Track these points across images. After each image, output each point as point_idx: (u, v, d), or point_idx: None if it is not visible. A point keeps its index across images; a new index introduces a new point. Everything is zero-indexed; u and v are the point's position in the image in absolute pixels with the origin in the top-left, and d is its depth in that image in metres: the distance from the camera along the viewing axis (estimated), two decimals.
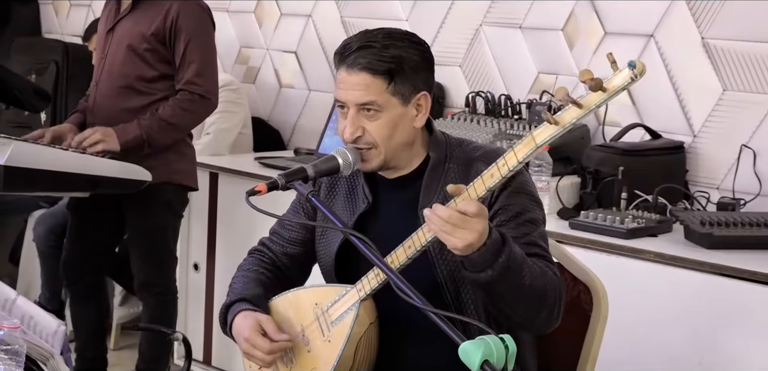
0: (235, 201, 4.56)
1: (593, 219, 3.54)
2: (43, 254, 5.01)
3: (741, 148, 3.92)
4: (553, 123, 2.08)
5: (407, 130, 2.44)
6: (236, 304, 2.55)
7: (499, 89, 4.55)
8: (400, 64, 2.38)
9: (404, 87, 2.40)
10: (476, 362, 1.95)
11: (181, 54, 3.91)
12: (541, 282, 2.30)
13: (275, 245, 2.69)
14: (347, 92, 2.41)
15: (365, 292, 2.38)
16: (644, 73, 2.03)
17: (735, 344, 3.20)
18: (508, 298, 2.27)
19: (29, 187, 3.83)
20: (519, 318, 2.33)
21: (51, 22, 6.70)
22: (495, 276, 2.20)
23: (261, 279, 2.62)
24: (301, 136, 5.39)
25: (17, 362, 2.00)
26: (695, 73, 4.04)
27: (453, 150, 2.49)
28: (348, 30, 5.15)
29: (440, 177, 2.46)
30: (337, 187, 2.60)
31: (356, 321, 2.39)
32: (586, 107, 2.05)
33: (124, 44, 3.94)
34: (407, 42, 2.42)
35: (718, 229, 3.38)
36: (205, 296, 4.75)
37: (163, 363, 4.27)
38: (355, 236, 2.29)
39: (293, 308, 2.53)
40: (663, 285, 3.34)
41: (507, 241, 2.21)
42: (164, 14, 3.90)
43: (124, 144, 3.82)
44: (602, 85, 2.02)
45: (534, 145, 2.12)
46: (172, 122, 3.89)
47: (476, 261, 2.19)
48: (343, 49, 2.42)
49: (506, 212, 2.38)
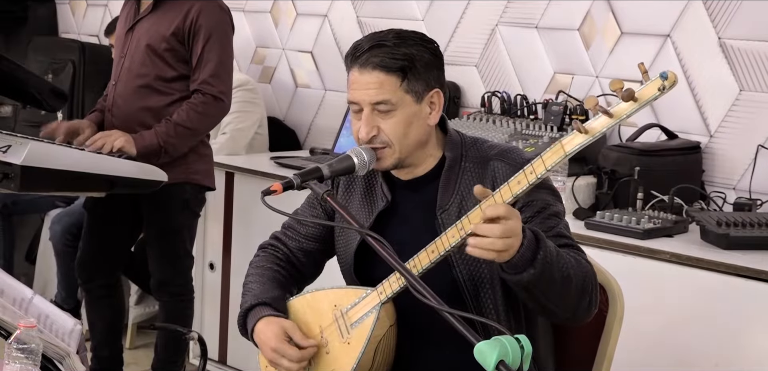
0: (251, 200, 4.56)
1: (609, 220, 3.53)
2: (59, 253, 5.03)
3: (758, 148, 3.90)
4: (584, 132, 2.08)
5: (421, 128, 2.44)
6: (256, 309, 2.53)
7: (515, 89, 4.54)
8: (412, 61, 2.39)
9: (417, 84, 2.40)
10: (492, 362, 1.95)
11: (199, 53, 3.91)
12: (578, 271, 2.30)
13: (290, 240, 2.68)
14: (361, 92, 2.41)
15: (386, 295, 2.38)
16: (676, 83, 2.02)
17: (752, 345, 3.19)
18: (550, 294, 2.27)
19: (46, 187, 3.84)
20: (562, 311, 2.33)
21: (68, 22, 6.72)
22: (536, 274, 2.20)
23: (277, 278, 2.61)
24: (316, 135, 5.39)
25: (34, 360, 2.01)
26: (712, 73, 4.03)
27: (468, 149, 2.49)
28: (364, 30, 5.15)
29: (457, 177, 2.45)
30: (354, 186, 2.60)
31: (377, 324, 2.38)
32: (617, 117, 2.04)
33: (144, 44, 3.95)
34: (417, 41, 2.43)
35: (734, 230, 3.37)
36: (220, 295, 4.75)
37: (178, 363, 4.27)
38: (371, 236, 2.29)
39: (312, 309, 2.52)
40: (679, 286, 3.33)
41: (540, 237, 2.22)
42: (185, 14, 3.91)
43: (141, 149, 3.83)
44: (634, 95, 2.01)
45: (563, 153, 2.12)
46: (188, 126, 3.89)
47: (516, 262, 2.18)
48: (354, 50, 2.42)
49: (530, 208, 2.38)
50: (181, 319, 4.13)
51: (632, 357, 3.21)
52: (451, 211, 2.42)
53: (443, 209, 2.43)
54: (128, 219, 4.14)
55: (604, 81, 4.32)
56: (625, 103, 2.03)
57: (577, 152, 2.12)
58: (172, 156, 3.90)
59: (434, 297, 2.14)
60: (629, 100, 2.01)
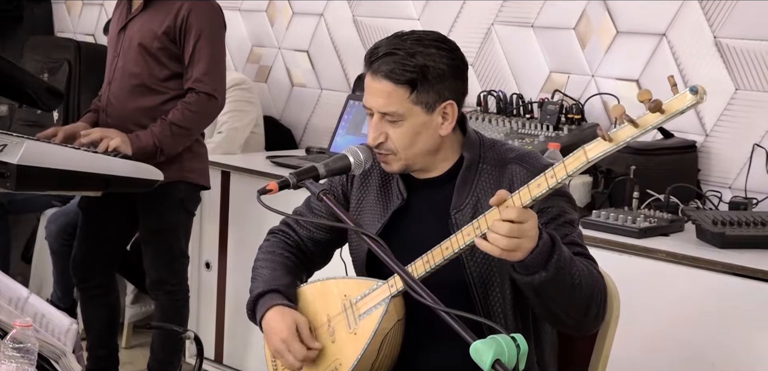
0: (247, 200, 4.56)
1: (605, 219, 3.53)
2: (55, 252, 5.03)
3: (753, 147, 3.91)
4: (608, 139, 2.07)
5: (431, 138, 2.43)
6: (268, 296, 2.54)
7: (511, 88, 4.54)
8: (423, 73, 2.36)
9: (428, 96, 2.38)
10: (488, 361, 1.96)
11: (191, 52, 3.91)
12: (589, 280, 2.30)
13: (302, 228, 2.68)
14: (371, 98, 2.41)
15: (397, 289, 2.38)
16: (705, 98, 1.99)
17: (748, 343, 3.19)
18: (560, 299, 2.27)
19: (42, 186, 3.84)
20: (570, 319, 2.33)
21: (64, 21, 6.72)
22: (548, 277, 2.19)
23: (287, 265, 2.62)
24: (312, 134, 5.39)
25: (30, 360, 2.01)
26: (707, 72, 4.03)
27: (486, 151, 2.48)
28: (360, 29, 5.15)
29: (473, 179, 2.45)
30: (369, 181, 2.60)
31: (385, 317, 2.38)
32: (643, 127, 2.03)
33: (136, 43, 3.95)
34: (437, 48, 2.40)
35: (730, 229, 3.37)
36: (216, 295, 4.75)
37: (174, 362, 4.27)
38: (367, 236, 2.30)
39: (321, 297, 2.53)
40: (675, 285, 3.33)
41: (556, 242, 2.21)
42: (175, 13, 3.91)
43: (137, 150, 3.83)
44: (661, 107, 2.00)
45: (585, 159, 2.10)
46: (183, 126, 3.89)
47: (529, 264, 2.18)
48: (371, 53, 2.41)
49: (546, 214, 2.38)
50: (176, 318, 4.13)
51: (628, 356, 3.21)
52: (466, 212, 2.41)
53: (458, 209, 2.43)
54: (123, 219, 4.14)
55: (600, 80, 4.32)
56: (651, 114, 2.01)
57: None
58: (168, 155, 3.90)
59: (431, 296, 2.14)
60: (656, 111, 2.00)
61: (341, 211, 2.37)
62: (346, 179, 2.62)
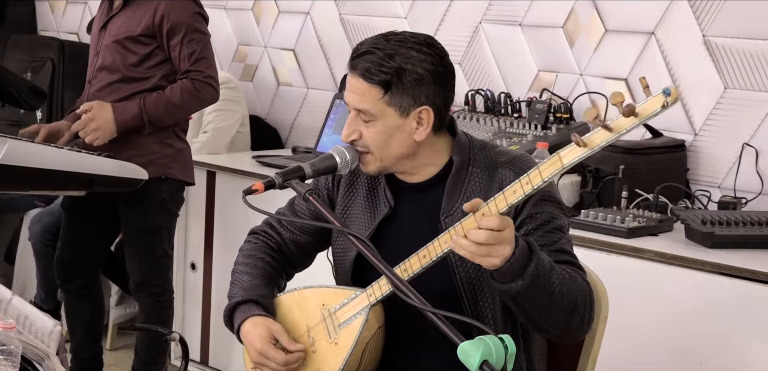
0: (233, 200, 4.54)
1: (594, 218, 3.52)
2: (38, 253, 4.99)
3: (742, 146, 3.90)
4: (582, 145, 2.05)
5: (405, 142, 2.39)
6: (244, 306, 2.51)
7: (499, 87, 4.53)
8: (399, 75, 2.33)
9: (402, 99, 2.35)
10: (475, 363, 1.95)
11: (178, 48, 3.90)
12: (571, 288, 2.27)
13: (285, 230, 2.65)
14: (347, 94, 2.40)
15: (376, 298, 2.36)
16: (677, 100, 1.99)
17: (736, 344, 3.19)
18: (539, 307, 2.25)
19: (25, 186, 3.82)
20: (551, 327, 2.30)
21: (47, 20, 6.68)
22: (525, 285, 2.17)
23: (267, 271, 2.59)
24: (299, 134, 5.37)
25: (13, 362, 1.99)
26: (696, 71, 4.03)
27: (476, 153, 2.45)
28: (346, 28, 5.13)
29: (463, 182, 2.42)
30: (356, 187, 2.57)
31: (365, 326, 2.36)
32: (617, 131, 2.01)
33: (113, 41, 3.95)
34: (419, 51, 2.36)
35: (719, 228, 3.37)
36: (202, 296, 4.73)
37: (159, 364, 4.24)
38: (353, 236, 2.27)
39: (299, 307, 2.50)
40: (664, 285, 3.32)
41: (534, 249, 2.19)
42: (152, 12, 3.90)
43: (121, 124, 3.82)
44: (634, 111, 1.98)
45: (560, 165, 2.09)
46: (177, 103, 3.89)
47: (506, 271, 2.16)
48: (355, 49, 2.39)
49: (534, 220, 2.35)
50: (160, 320, 4.10)
51: (617, 357, 3.20)
52: (456, 217, 2.35)
53: (448, 214, 2.40)
54: (107, 219, 4.12)
55: (588, 79, 4.31)
56: (624, 118, 2.00)
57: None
58: (155, 127, 3.89)
59: (418, 297, 2.11)
60: (630, 115, 1.98)
61: (328, 212, 2.34)
62: (333, 184, 2.59)
